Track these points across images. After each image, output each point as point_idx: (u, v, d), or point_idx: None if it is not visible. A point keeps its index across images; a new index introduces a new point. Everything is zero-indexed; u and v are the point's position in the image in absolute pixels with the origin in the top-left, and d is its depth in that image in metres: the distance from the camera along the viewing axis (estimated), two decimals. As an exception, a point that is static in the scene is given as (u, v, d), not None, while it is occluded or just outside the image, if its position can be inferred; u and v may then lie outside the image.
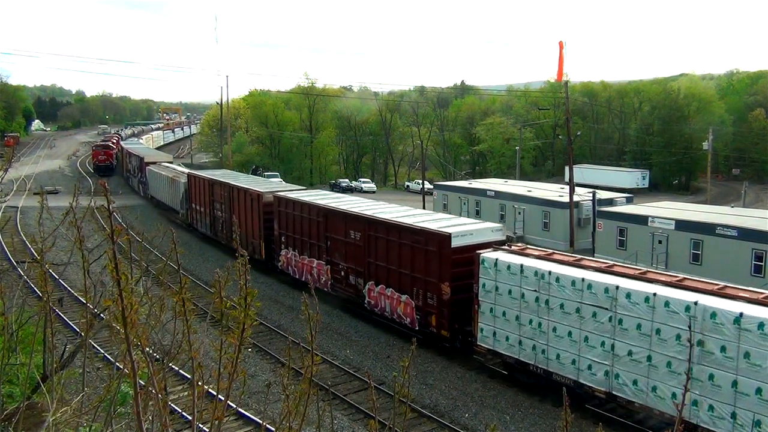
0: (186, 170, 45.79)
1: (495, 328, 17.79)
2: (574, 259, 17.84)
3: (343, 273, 24.21)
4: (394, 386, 3.96)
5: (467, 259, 18.73)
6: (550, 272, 16.39)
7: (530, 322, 16.89)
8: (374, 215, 22.82)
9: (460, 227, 20.35)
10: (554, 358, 16.37)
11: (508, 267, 17.33)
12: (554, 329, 16.31)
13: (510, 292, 17.28)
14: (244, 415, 15.60)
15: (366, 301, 23.01)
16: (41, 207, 5.56)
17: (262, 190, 29.97)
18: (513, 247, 19.23)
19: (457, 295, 19.11)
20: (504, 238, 20.36)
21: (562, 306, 16.05)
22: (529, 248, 19.33)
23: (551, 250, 19.62)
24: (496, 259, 17.65)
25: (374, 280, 22.55)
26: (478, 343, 18.40)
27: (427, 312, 20.08)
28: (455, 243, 19.18)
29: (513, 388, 18.03)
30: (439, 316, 19.58)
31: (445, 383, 18.48)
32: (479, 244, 19.30)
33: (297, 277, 27.21)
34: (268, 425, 13.27)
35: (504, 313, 17.56)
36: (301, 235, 26.53)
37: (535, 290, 16.68)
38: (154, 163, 50.85)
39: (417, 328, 20.39)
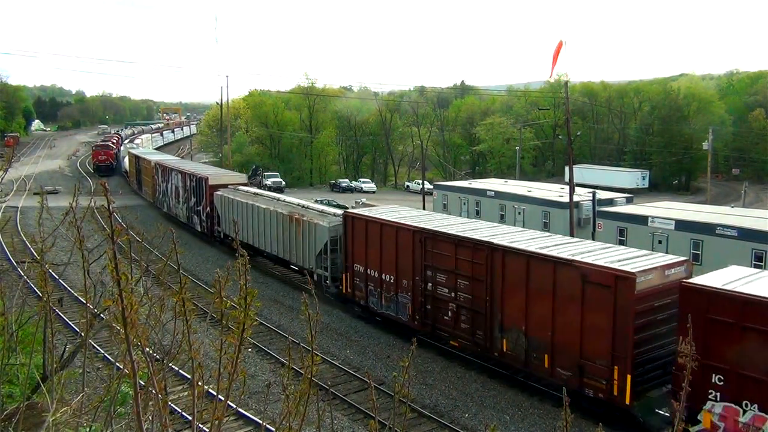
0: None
1: None
2: None
3: None
4: (394, 386, 3.96)
5: None
6: None
7: None
8: None
9: None
10: None
11: None
12: None
13: None
14: (244, 415, 15.59)
15: None
16: (41, 207, 5.56)
17: (625, 267, 15.03)
18: None
19: None
20: None
21: None
22: None
23: None
24: None
25: None
26: None
27: None
28: None
29: (513, 389, 18.03)
30: None
31: (445, 383, 18.48)
32: None
33: None
34: (268, 425, 13.29)
35: None
36: None
37: None
38: (224, 186, 35.94)
39: None
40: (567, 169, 39.28)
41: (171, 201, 44.00)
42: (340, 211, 26.46)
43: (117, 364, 5.28)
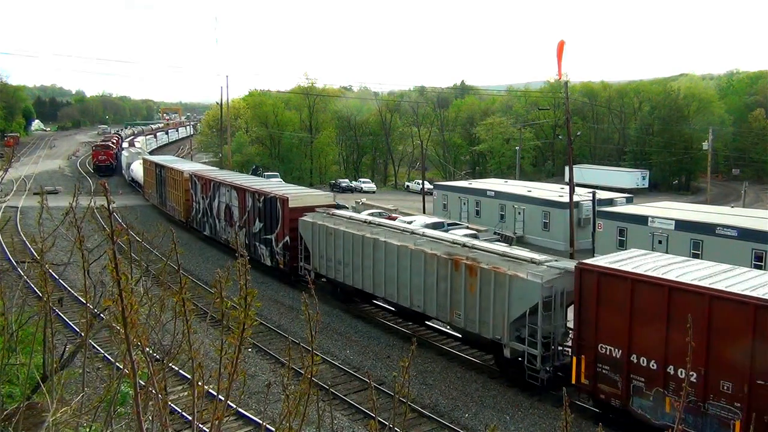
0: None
1: None
2: None
3: None
4: (394, 386, 3.97)
5: None
6: None
7: None
8: None
9: None
10: None
11: None
12: None
13: None
14: (244, 415, 15.59)
15: None
16: (41, 207, 5.56)
17: None
18: None
19: None
20: None
21: None
22: None
23: None
24: None
25: None
26: None
27: None
28: None
29: (513, 388, 18.01)
30: None
31: (445, 383, 18.47)
32: None
33: None
34: (268, 425, 13.28)
35: None
36: None
37: None
38: (310, 209, 27.49)
39: None
40: (567, 169, 39.29)
41: (217, 223, 34.89)
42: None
43: (117, 364, 5.29)
